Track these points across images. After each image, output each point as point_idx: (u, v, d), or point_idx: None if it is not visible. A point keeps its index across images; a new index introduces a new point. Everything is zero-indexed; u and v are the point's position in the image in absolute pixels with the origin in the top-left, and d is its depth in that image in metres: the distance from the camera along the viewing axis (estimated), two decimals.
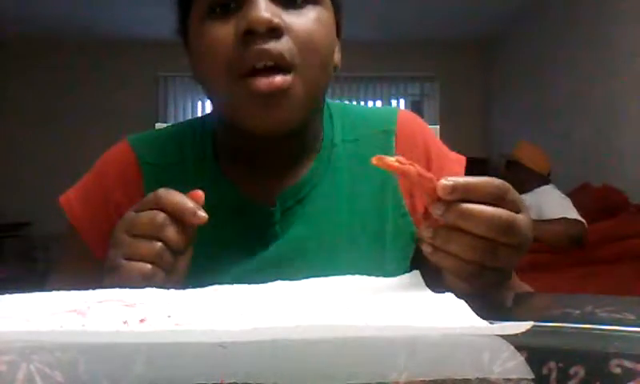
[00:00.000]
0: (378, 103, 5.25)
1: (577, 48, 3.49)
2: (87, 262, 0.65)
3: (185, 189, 0.60)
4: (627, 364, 0.28)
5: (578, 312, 0.41)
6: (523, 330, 0.25)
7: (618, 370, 0.28)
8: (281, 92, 0.56)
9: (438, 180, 0.44)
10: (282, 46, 0.55)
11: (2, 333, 0.26)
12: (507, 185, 0.45)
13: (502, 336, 0.28)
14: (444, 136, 1.05)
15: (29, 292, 0.39)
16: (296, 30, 0.57)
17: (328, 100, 0.72)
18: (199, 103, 5.22)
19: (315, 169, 0.67)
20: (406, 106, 5.33)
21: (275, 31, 0.55)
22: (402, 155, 0.72)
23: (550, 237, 2.34)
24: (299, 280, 0.47)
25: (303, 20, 0.58)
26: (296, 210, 0.65)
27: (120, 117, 4.54)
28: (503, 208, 0.44)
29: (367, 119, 0.73)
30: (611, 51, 3.08)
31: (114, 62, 4.99)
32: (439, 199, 0.44)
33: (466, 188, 0.44)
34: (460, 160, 0.75)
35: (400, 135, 0.71)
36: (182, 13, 0.63)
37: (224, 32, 0.56)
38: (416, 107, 5.33)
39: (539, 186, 2.72)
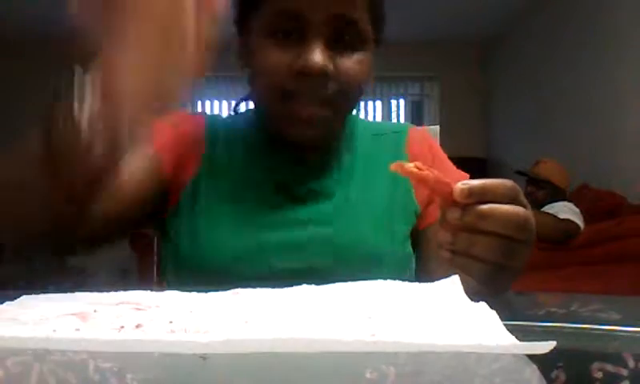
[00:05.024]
0: (378, 103, 5.25)
1: (577, 48, 3.49)
2: (150, 165, 0.71)
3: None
4: (609, 368, 0.28)
5: (562, 311, 0.41)
6: (551, 348, 0.25)
7: (599, 374, 0.28)
8: (317, 119, 0.67)
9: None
10: (327, 91, 0.66)
11: None
12: (517, 187, 0.46)
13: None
14: (444, 136, 1.05)
15: (29, 292, 0.39)
16: (343, 74, 0.66)
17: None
18: (199, 103, 5.22)
19: (345, 159, 0.78)
20: (405, 106, 5.33)
21: (325, 76, 0.64)
22: (411, 151, 0.80)
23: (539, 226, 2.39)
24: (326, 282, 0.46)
25: (350, 65, 0.67)
26: (323, 188, 0.76)
27: None
28: None
29: (383, 125, 0.87)
30: (611, 51, 3.08)
31: None
32: (455, 203, 0.45)
33: (482, 190, 0.45)
34: (463, 177, 0.78)
35: (411, 137, 0.82)
36: (242, 12, 0.72)
37: (282, 61, 0.65)
38: (416, 107, 5.32)
39: (557, 200, 2.75)
